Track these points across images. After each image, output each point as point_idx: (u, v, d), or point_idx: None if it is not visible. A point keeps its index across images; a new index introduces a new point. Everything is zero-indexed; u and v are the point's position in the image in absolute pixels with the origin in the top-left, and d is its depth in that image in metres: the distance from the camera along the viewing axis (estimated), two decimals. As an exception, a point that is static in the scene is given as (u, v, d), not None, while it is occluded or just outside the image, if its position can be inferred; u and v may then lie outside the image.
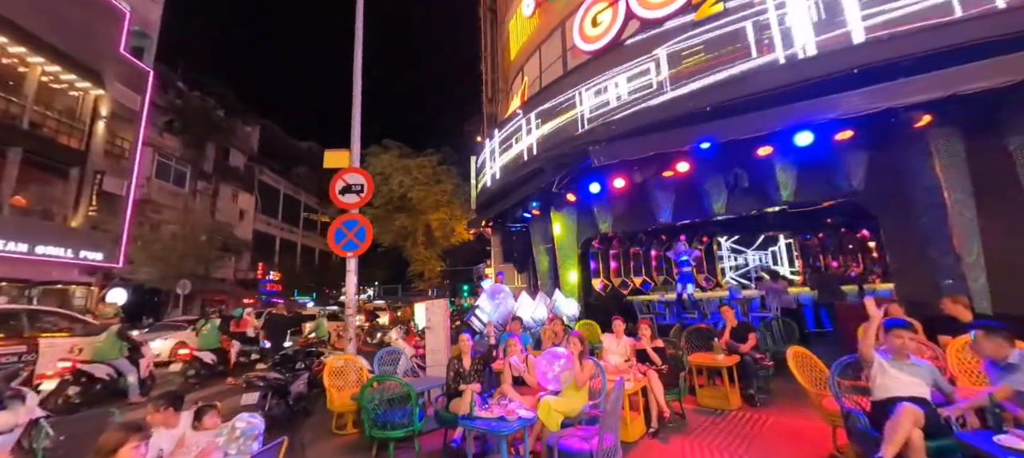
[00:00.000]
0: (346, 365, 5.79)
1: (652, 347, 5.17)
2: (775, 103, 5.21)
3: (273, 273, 29.20)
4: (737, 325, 5.89)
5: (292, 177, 34.94)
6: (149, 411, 2.87)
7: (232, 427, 2.61)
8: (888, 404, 3.01)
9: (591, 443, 3.02)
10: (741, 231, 11.78)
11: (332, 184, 6.87)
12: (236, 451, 2.55)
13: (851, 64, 4.62)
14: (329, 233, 6.67)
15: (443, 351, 6.84)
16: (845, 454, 3.62)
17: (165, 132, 22.41)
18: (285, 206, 32.73)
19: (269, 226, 30.64)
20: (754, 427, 4.51)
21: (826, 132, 5.37)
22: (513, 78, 11.26)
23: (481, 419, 3.47)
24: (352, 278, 6.60)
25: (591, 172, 6.97)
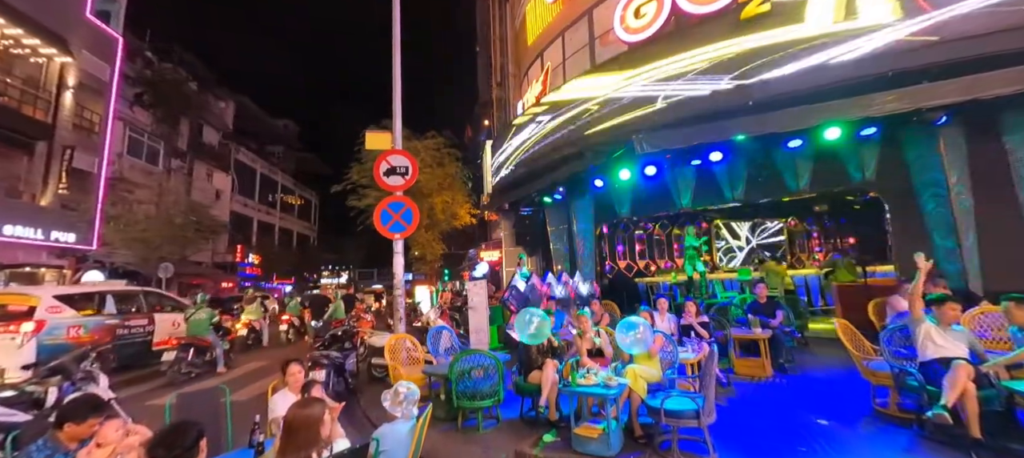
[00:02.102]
0: (398, 343, 5.96)
1: (698, 322, 5.63)
2: (810, 101, 5.68)
3: (252, 256, 28.18)
4: (766, 302, 6.47)
5: (269, 156, 33.49)
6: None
7: (395, 391, 2.78)
8: (940, 363, 3.56)
9: (697, 402, 3.40)
10: (750, 217, 12.51)
11: (376, 166, 6.87)
12: (401, 415, 2.74)
13: (884, 68, 5.12)
14: (375, 215, 6.70)
15: (486, 330, 7.09)
16: (886, 409, 4.19)
17: (135, 106, 20.92)
18: (262, 187, 31.40)
19: (246, 207, 29.38)
20: (795, 391, 5.07)
21: (852, 128, 5.92)
22: (530, 64, 11.34)
23: (586, 387, 3.78)
24: (399, 259, 6.69)
25: (626, 159, 7.29)
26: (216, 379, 7.38)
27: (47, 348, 6.37)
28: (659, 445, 3.72)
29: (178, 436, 1.87)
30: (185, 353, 7.31)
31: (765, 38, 5.74)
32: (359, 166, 14.99)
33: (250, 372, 8.40)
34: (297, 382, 3.62)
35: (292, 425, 2.14)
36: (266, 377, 7.96)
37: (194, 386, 6.40)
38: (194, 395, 3.48)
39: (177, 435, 1.87)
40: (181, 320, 8.54)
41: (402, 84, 6.92)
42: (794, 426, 4.04)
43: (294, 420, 2.20)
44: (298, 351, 9.08)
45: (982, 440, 3.17)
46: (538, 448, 3.86)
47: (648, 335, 4.33)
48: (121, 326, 7.93)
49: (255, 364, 9.11)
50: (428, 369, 5.16)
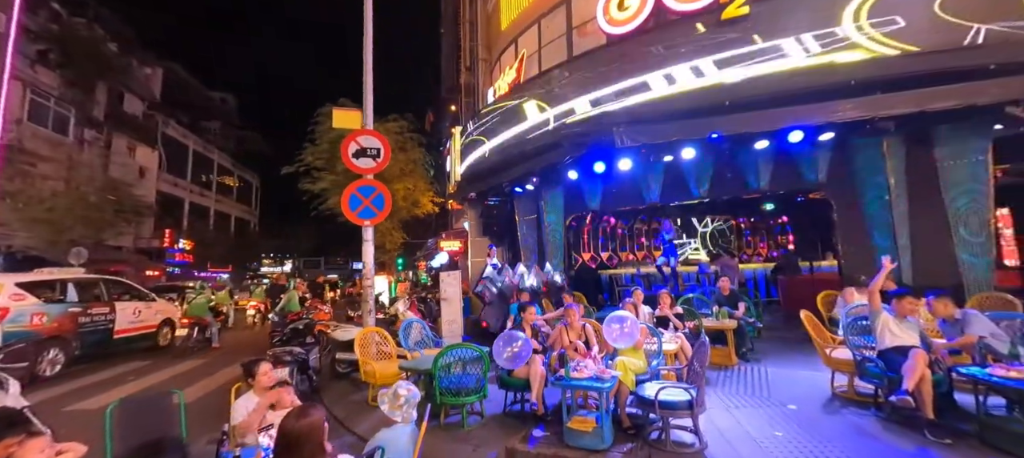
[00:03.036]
0: (368, 337, 5.60)
1: (673, 313, 5.80)
2: (778, 104, 5.98)
3: (184, 241, 25.58)
4: (729, 294, 6.81)
5: (203, 133, 30.40)
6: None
7: (394, 394, 2.53)
8: (896, 351, 3.88)
9: (690, 394, 3.45)
10: (704, 214, 13.13)
11: (344, 146, 6.36)
12: (401, 419, 2.50)
13: (849, 77, 5.49)
14: (343, 199, 6.22)
15: (459, 321, 6.87)
16: (845, 393, 4.54)
17: (39, 65, 18.02)
18: (196, 165, 28.49)
19: (176, 187, 26.55)
20: (759, 376, 5.37)
21: (814, 132, 6.33)
22: (503, 49, 11.06)
23: (578, 379, 3.72)
24: (369, 247, 6.27)
25: (603, 151, 7.33)
26: (211, 355, 8.83)
27: (11, 335, 6.58)
28: (648, 436, 3.76)
29: None
30: (193, 330, 8.85)
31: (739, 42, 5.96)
32: (313, 147, 13.97)
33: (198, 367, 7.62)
34: (267, 384, 3.24)
35: (293, 437, 1.85)
36: (218, 371, 7.25)
37: (140, 391, 5.87)
38: (141, 400, 2.99)
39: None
40: (143, 308, 9.18)
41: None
42: (767, 412, 4.26)
43: (295, 431, 1.91)
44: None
45: (934, 419, 3.49)
46: (528, 443, 3.76)
47: (635, 328, 4.37)
48: (83, 314, 7.87)
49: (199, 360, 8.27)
50: (406, 364, 4.88)
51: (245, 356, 3.78)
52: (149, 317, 9.43)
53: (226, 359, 8.36)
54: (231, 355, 8.60)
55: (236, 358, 7.05)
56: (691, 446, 3.51)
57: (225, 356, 8.74)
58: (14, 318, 6.65)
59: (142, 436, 2.87)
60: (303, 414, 2.02)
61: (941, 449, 3.31)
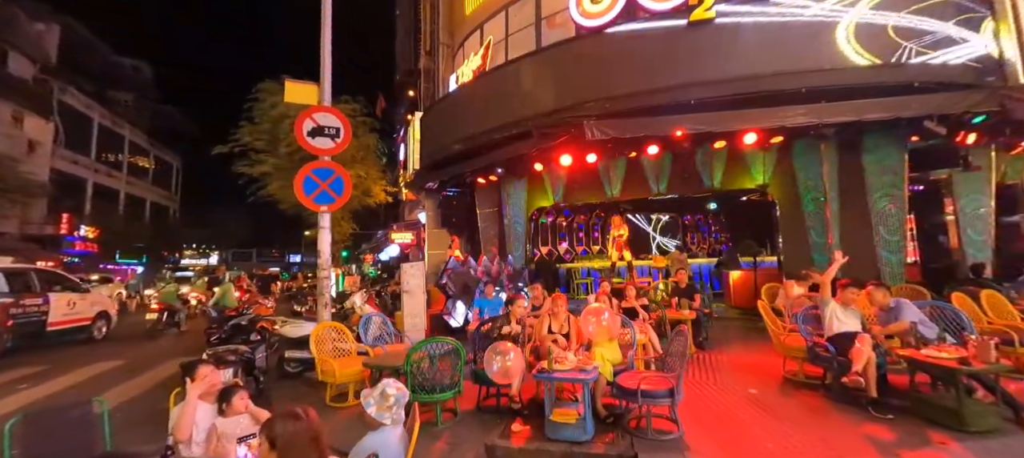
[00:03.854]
0: (325, 333, 5.16)
1: (640, 305, 5.94)
2: (738, 106, 6.32)
3: (86, 228, 22.29)
4: (686, 286, 7.13)
5: (112, 105, 26.63)
6: None
7: (383, 394, 2.26)
8: (844, 337, 4.24)
9: (670, 382, 3.51)
10: (653, 211, 13.68)
11: (298, 123, 5.78)
12: (391, 421, 2.24)
13: (801, 84, 5.93)
14: (296, 182, 5.64)
15: (422, 315, 6.55)
16: (795, 376, 4.90)
17: None
18: (103, 141, 24.93)
19: (77, 166, 23.05)
20: (718, 364, 5.67)
21: (766, 136, 6.78)
22: (467, 35, 10.71)
23: (561, 372, 3.65)
24: (326, 236, 5.76)
25: (571, 144, 7.34)
26: (173, 338, 9.34)
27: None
28: (625, 425, 3.78)
29: None
30: (163, 315, 9.20)
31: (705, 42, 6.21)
32: (252, 126, 12.71)
33: (98, 375, 6.59)
34: (211, 389, 2.81)
35: (292, 445, 1.57)
36: (128, 379, 6.32)
37: (48, 400, 5.15)
38: (50, 412, 2.45)
39: None
40: (78, 300, 8.97)
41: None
42: (730, 397, 4.48)
43: (294, 439, 1.63)
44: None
45: (877, 398, 3.85)
46: (510, 438, 3.63)
47: (615, 321, 4.39)
48: (15, 306, 7.66)
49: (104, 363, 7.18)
50: (371, 361, 4.53)
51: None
52: (85, 309, 9.12)
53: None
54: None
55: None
56: (670, 433, 3.57)
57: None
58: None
59: (55, 453, 2.36)
60: (293, 418, 1.73)
61: (884, 423, 3.66)
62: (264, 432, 1.77)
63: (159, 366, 7.02)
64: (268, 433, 1.75)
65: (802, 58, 6.08)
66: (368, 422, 2.25)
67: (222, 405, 2.76)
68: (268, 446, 1.69)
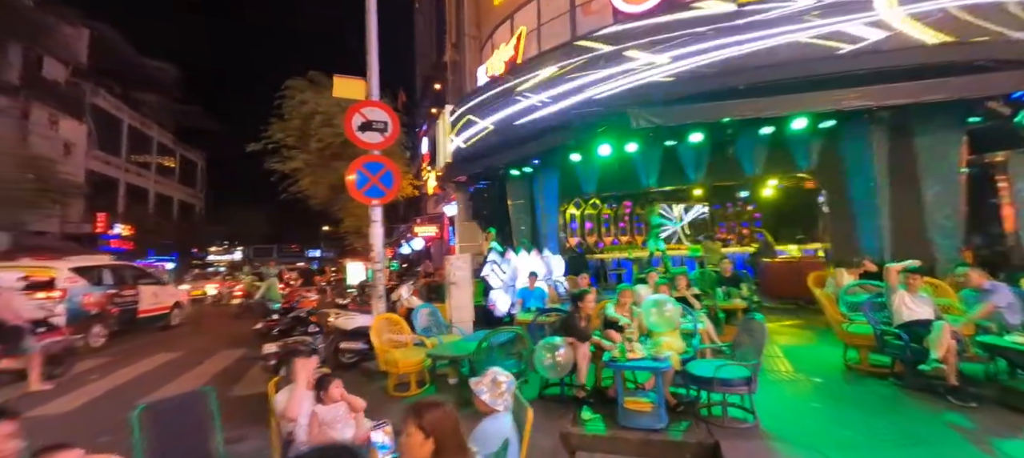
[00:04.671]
0: (381, 325, 5.26)
1: (690, 295, 5.89)
2: (788, 90, 6.17)
3: (120, 226, 23.00)
4: (730, 275, 7.05)
5: (139, 106, 27.28)
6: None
7: (494, 381, 2.30)
8: (917, 324, 4.14)
9: (747, 371, 3.49)
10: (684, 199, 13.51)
11: (347, 118, 5.84)
12: (503, 407, 2.29)
13: (858, 66, 5.75)
14: (348, 177, 5.72)
15: (469, 307, 6.62)
16: (859, 365, 4.82)
17: (-68, 16, 15.22)
18: (132, 142, 25.61)
19: (109, 166, 23.76)
20: (774, 354, 5.60)
21: (816, 120, 6.61)
22: (496, 26, 10.65)
23: (635, 362, 3.66)
24: (377, 229, 5.84)
25: (612, 133, 7.27)
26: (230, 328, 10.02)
27: (71, 311, 7.38)
28: (697, 413, 3.77)
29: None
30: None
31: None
32: (281, 123, 12.90)
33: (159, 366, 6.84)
34: (307, 377, 2.90)
35: (443, 432, 1.70)
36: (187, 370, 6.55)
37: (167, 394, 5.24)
38: (172, 401, 2.55)
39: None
40: (159, 291, 10.26)
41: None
42: (795, 386, 4.43)
43: (443, 425, 1.74)
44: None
45: (957, 386, 3.76)
46: (584, 426, 3.67)
47: (675, 310, 4.37)
48: (117, 296, 8.79)
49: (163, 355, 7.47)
50: (436, 351, 4.60)
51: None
52: (165, 299, 10.44)
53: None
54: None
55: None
56: (745, 421, 3.55)
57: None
58: (70, 298, 7.49)
59: (177, 440, 2.47)
60: (441, 406, 1.80)
61: (967, 412, 3.58)
62: (413, 422, 1.82)
63: (216, 356, 7.27)
64: (418, 422, 1.81)
65: (858, 38, 5.87)
66: (482, 409, 2.30)
67: (320, 393, 2.85)
68: (422, 436, 1.75)
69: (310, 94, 12.75)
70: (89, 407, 5.05)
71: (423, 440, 1.75)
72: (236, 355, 7.30)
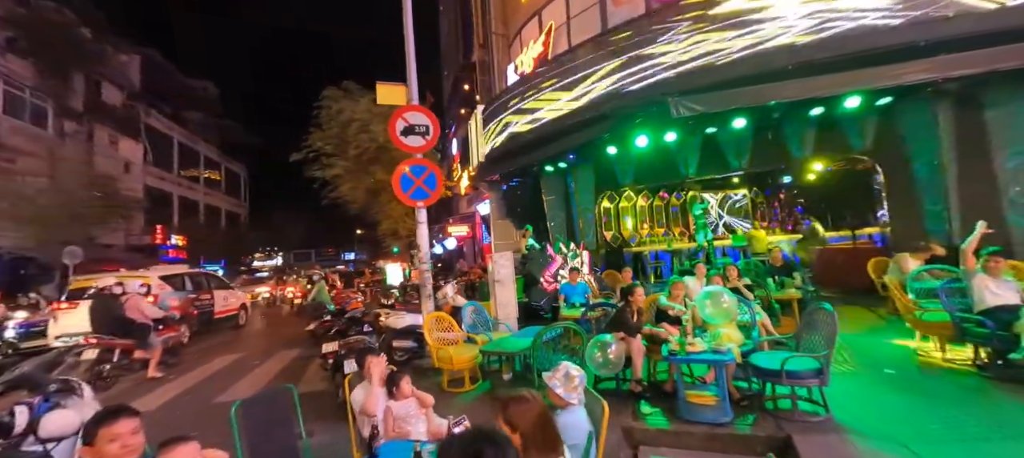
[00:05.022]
0: (432, 323, 5.39)
1: (743, 285, 5.72)
2: (839, 69, 5.84)
3: (176, 237, 24.60)
4: (781, 264, 6.78)
5: (186, 124, 29.02)
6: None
7: (567, 375, 2.33)
8: (1003, 309, 3.86)
9: (817, 363, 3.36)
10: (720, 188, 13.07)
11: (391, 123, 6.02)
12: (578, 400, 2.32)
13: (919, 37, 5.37)
14: (394, 180, 5.90)
15: (513, 304, 6.68)
16: (932, 356, 4.54)
17: (8, 53, 16.73)
18: (182, 157, 27.29)
19: (164, 181, 25.42)
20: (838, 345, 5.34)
21: (872, 97, 6.24)
22: (524, 23, 10.65)
23: (697, 355, 3.60)
24: (423, 230, 6.00)
25: (651, 123, 7.13)
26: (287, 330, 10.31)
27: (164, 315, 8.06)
28: (762, 406, 3.67)
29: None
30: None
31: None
32: (321, 132, 13.42)
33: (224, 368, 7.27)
34: (380, 375, 3.02)
35: (531, 425, 1.70)
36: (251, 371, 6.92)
37: (237, 393, 5.60)
38: (260, 398, 2.73)
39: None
40: (229, 295, 11.42)
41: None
42: (865, 377, 4.22)
43: (528, 418, 1.79)
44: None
45: (1053, 376, 3.49)
46: (645, 420, 3.64)
47: (733, 302, 4.26)
48: (197, 300, 9.76)
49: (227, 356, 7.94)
50: (490, 346, 4.68)
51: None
52: (233, 302, 11.47)
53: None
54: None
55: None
56: (816, 415, 3.43)
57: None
58: (161, 302, 8.22)
59: (266, 434, 2.65)
60: (528, 400, 1.85)
61: (1068, 404, 3.31)
62: (501, 416, 1.88)
63: (275, 356, 7.66)
64: (505, 416, 1.86)
65: (917, 3, 5.48)
66: (557, 403, 2.33)
67: (392, 389, 2.97)
68: (508, 429, 1.80)
69: (346, 103, 13.19)
70: (168, 406, 5.44)
71: (510, 433, 1.80)
72: (292, 355, 7.67)
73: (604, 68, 7.29)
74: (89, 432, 1.84)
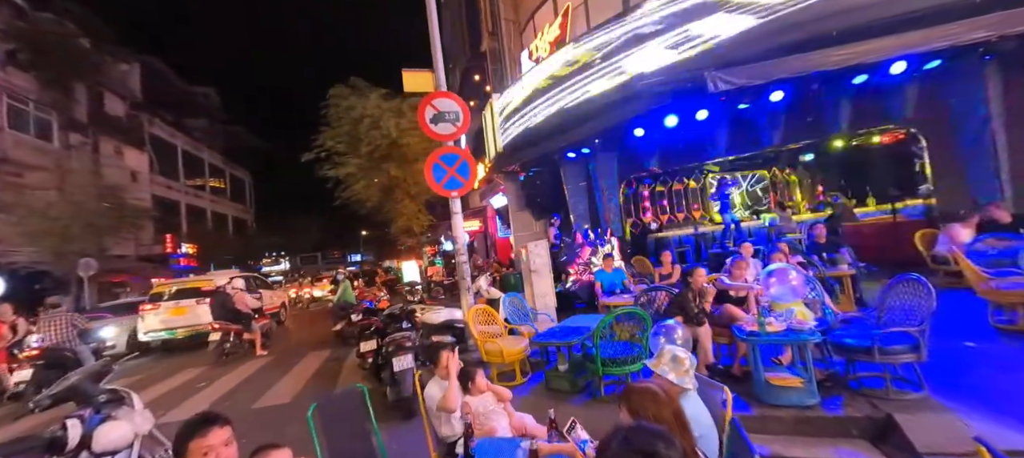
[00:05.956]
0: (473, 316, 5.20)
1: (796, 263, 5.48)
2: (885, 32, 5.57)
3: (185, 245, 24.49)
4: (825, 241, 6.54)
5: (189, 131, 28.83)
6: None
7: (675, 359, 2.13)
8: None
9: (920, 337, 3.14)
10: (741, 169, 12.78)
11: (420, 111, 5.79)
12: (691, 385, 2.12)
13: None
14: (426, 170, 5.68)
15: (551, 294, 6.48)
16: (1013, 327, 4.31)
17: (9, 66, 16.54)
18: (187, 165, 27.13)
19: (171, 190, 25.27)
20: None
21: (920, 62, 5.97)
22: (536, 8, 10.37)
23: (778, 335, 3.39)
24: (458, 220, 5.80)
25: (683, 101, 6.89)
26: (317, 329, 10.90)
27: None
28: (847, 386, 3.46)
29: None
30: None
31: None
32: (331, 130, 13.18)
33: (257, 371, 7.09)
34: (453, 371, 2.83)
35: (652, 410, 1.64)
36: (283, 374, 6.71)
37: (275, 398, 5.53)
38: (335, 399, 2.55)
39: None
40: (272, 294, 12.76)
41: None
42: (949, 352, 3.99)
43: (652, 403, 1.67)
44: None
45: None
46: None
47: (801, 281, 4.04)
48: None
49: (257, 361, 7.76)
50: (541, 337, 4.48)
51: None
52: (277, 300, 12.94)
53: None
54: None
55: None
56: (911, 392, 3.21)
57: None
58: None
59: (342, 433, 2.47)
60: (658, 395, 1.66)
61: None
62: (623, 404, 1.72)
63: (307, 358, 7.48)
64: (628, 404, 1.70)
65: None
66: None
67: (467, 384, 2.78)
68: (630, 417, 1.64)
69: (355, 99, 12.94)
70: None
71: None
72: (324, 356, 7.50)
73: (627, 46, 7.04)
74: (180, 445, 1.65)
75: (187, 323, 9.68)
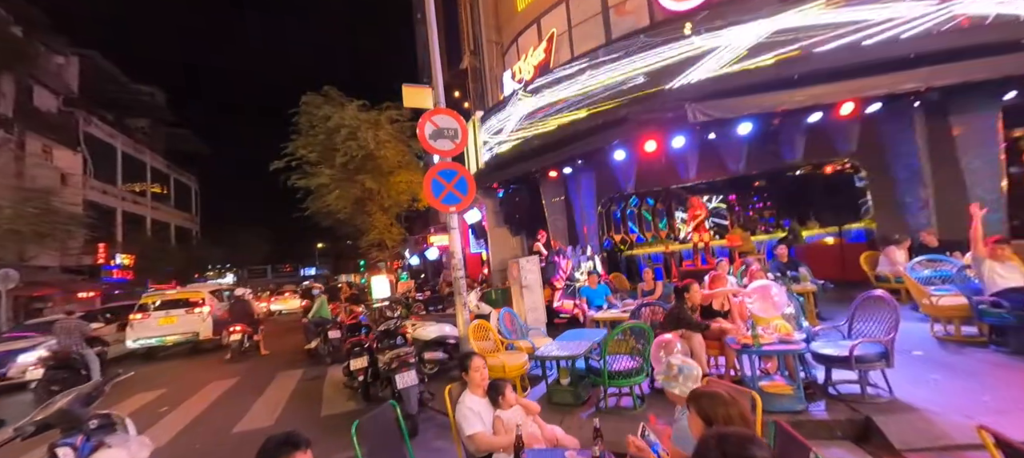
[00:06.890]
0: (469, 332, 5.22)
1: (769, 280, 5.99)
2: (836, 78, 6.36)
3: (120, 256, 22.31)
4: (788, 260, 7.18)
5: (131, 132, 26.61)
6: None
7: (684, 374, 2.32)
8: (1014, 291, 4.30)
9: (882, 347, 3.57)
10: (703, 193, 13.70)
11: (420, 126, 5.80)
12: (679, 391, 2.31)
13: (908, 51, 5.97)
14: (425, 185, 5.67)
15: (542, 308, 6.61)
16: (952, 338, 4.95)
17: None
18: (126, 169, 24.94)
19: (106, 195, 23.06)
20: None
21: (861, 104, 6.84)
22: (520, 31, 10.73)
23: (770, 345, 3.71)
24: (456, 236, 5.79)
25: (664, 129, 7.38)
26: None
27: (214, 321, 10.95)
28: (827, 392, 3.84)
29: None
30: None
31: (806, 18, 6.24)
32: (303, 139, 12.73)
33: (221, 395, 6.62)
34: (482, 382, 2.89)
35: (722, 415, 1.74)
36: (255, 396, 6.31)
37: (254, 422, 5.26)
38: (372, 417, 2.51)
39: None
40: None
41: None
42: (901, 360, 4.51)
43: (721, 408, 1.77)
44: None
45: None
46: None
47: (782, 295, 4.44)
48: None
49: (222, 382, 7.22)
50: (543, 352, 4.57)
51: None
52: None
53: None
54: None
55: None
56: (880, 396, 3.63)
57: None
58: (215, 313, 11.00)
59: (380, 449, 2.45)
60: (723, 398, 1.82)
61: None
62: (692, 406, 1.84)
63: (278, 379, 7.06)
64: (697, 407, 1.83)
65: (912, 21, 6.09)
66: (675, 401, 2.33)
67: (498, 398, 2.82)
68: (699, 421, 1.78)
69: (330, 109, 12.62)
70: (182, 438, 4.87)
71: (702, 426, 1.79)
72: (297, 375, 7.12)
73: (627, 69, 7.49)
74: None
75: (177, 331, 10.55)
